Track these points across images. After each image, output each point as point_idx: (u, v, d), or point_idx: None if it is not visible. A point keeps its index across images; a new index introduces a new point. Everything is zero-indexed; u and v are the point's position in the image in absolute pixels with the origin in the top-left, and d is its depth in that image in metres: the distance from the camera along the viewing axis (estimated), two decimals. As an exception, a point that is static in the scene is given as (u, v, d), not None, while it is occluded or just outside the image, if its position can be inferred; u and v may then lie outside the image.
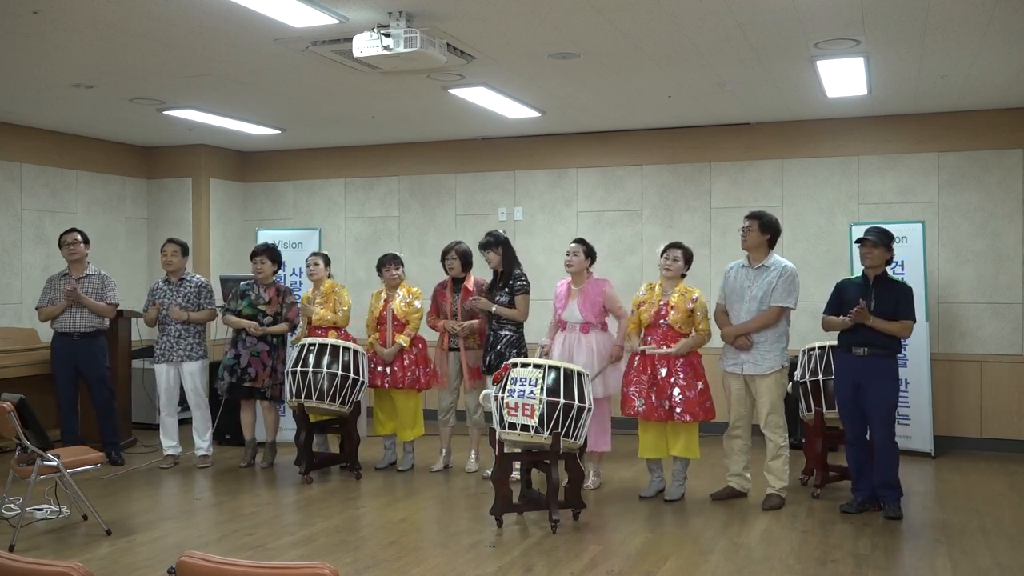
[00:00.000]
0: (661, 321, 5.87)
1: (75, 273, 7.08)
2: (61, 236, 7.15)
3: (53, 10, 4.87)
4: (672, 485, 6.04)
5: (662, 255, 6.01)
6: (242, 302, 7.00)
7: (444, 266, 6.79)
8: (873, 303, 5.56)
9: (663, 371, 5.84)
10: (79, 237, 7.10)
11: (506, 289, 6.50)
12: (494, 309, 6.42)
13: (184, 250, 7.21)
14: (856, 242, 5.78)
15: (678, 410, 5.77)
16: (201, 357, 7.15)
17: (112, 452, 7.00)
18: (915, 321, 5.64)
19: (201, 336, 7.20)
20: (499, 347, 6.43)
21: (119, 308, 7.63)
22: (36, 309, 7.18)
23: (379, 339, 6.85)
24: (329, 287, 7.01)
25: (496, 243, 6.57)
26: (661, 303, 5.91)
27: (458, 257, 6.73)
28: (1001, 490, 6.36)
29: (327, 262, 7.11)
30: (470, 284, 6.74)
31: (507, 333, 6.48)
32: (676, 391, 5.79)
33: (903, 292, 5.62)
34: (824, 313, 5.84)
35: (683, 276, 6.01)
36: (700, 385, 5.84)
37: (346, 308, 6.98)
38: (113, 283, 7.24)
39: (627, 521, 5.56)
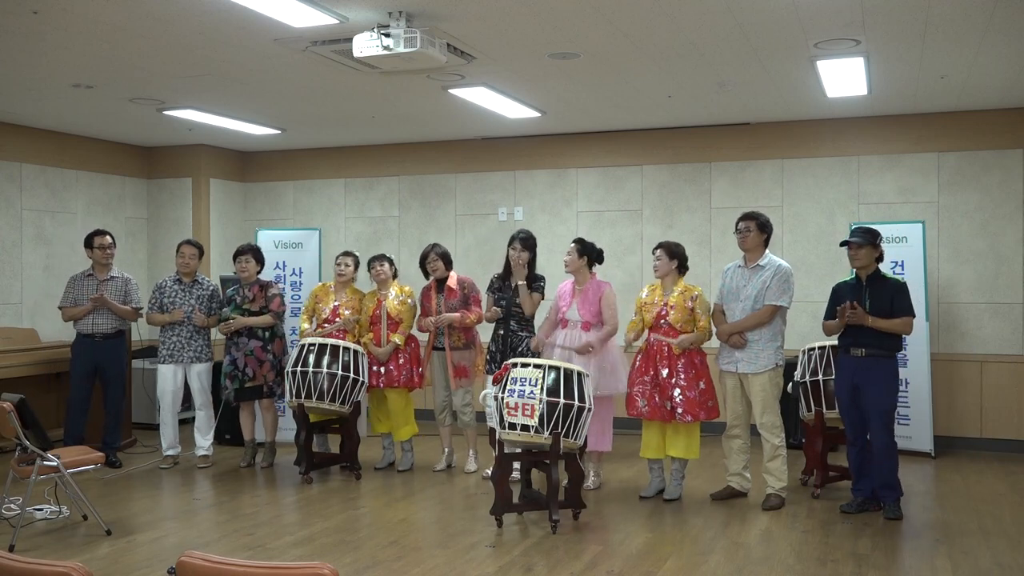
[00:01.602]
0: (662, 321, 5.89)
1: (100, 274, 7.08)
2: (92, 237, 7.10)
3: (53, 10, 4.87)
4: (671, 485, 6.04)
5: (653, 255, 6.07)
6: (229, 308, 7.01)
7: (426, 269, 6.79)
8: (868, 303, 5.56)
9: (664, 371, 5.84)
10: (111, 241, 7.11)
11: (529, 290, 6.53)
12: (521, 285, 6.45)
13: (201, 252, 7.25)
14: (841, 245, 5.79)
15: (679, 410, 5.78)
16: (209, 359, 7.20)
17: (110, 454, 6.99)
18: (914, 316, 5.63)
19: (209, 338, 7.25)
20: (520, 349, 6.44)
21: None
22: (59, 308, 7.14)
23: (373, 339, 6.85)
24: (354, 293, 6.97)
25: (534, 245, 6.58)
26: (662, 303, 5.92)
27: (439, 258, 6.73)
28: (1001, 490, 6.36)
29: (357, 265, 7.08)
30: (453, 283, 6.74)
31: (525, 335, 6.50)
32: (677, 391, 5.80)
33: (897, 289, 5.62)
34: (824, 318, 5.85)
35: (683, 273, 6.02)
36: (702, 385, 5.84)
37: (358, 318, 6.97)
38: (136, 286, 7.28)
39: (627, 521, 5.56)
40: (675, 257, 5.99)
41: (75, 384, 7.08)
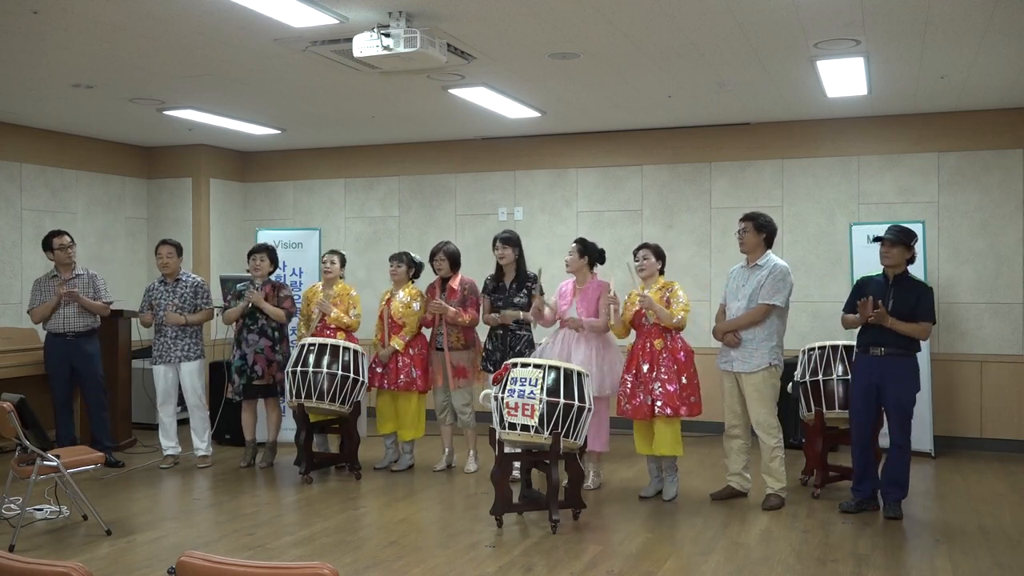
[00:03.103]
0: (644, 320, 5.91)
1: (64, 274, 7.02)
2: (51, 239, 6.99)
3: (53, 10, 4.87)
4: (665, 484, 6.05)
5: (634, 256, 6.09)
6: (239, 302, 7.00)
7: (432, 267, 6.82)
8: (891, 303, 5.51)
9: (645, 366, 5.86)
10: (69, 240, 7.02)
11: (523, 291, 6.55)
12: (521, 316, 6.50)
13: (179, 250, 7.21)
14: (874, 240, 5.73)
15: (659, 403, 5.78)
16: (199, 357, 7.15)
17: (109, 454, 6.97)
18: (934, 323, 5.59)
19: (198, 336, 7.21)
20: (519, 348, 6.47)
21: (120, 309, 7.63)
22: (28, 312, 7.12)
23: (379, 338, 6.86)
24: (343, 290, 6.98)
25: (517, 241, 6.62)
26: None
27: (446, 258, 6.75)
28: (1001, 490, 6.36)
29: (343, 262, 7.09)
30: (456, 284, 6.75)
31: (524, 334, 6.56)
32: (657, 385, 5.81)
33: (923, 293, 5.56)
34: (843, 311, 5.82)
35: (661, 274, 6.05)
36: (684, 380, 5.84)
37: (358, 312, 6.97)
38: (103, 281, 7.20)
39: (627, 521, 5.56)
40: (660, 258, 6.06)
41: (54, 385, 7.05)
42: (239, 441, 7.48)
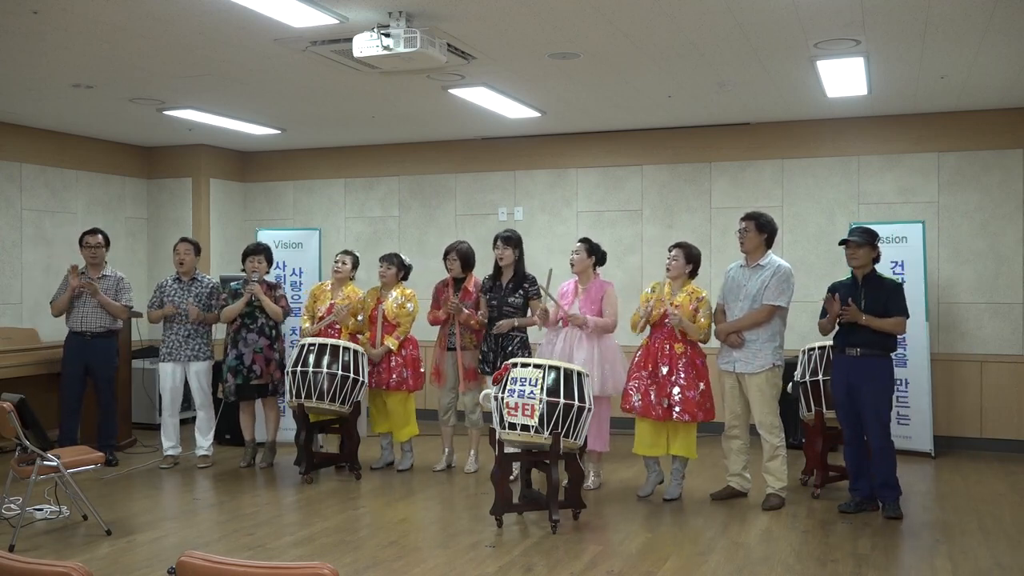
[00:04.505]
0: (667, 321, 5.89)
1: (93, 274, 7.07)
2: (83, 236, 7.08)
3: (53, 10, 4.88)
4: (671, 484, 6.04)
5: (668, 252, 6.08)
6: (235, 301, 7.00)
7: (445, 265, 6.82)
8: (863, 302, 5.58)
9: (664, 369, 5.84)
10: (102, 240, 7.07)
11: (519, 292, 6.55)
12: (516, 323, 6.51)
13: (197, 249, 7.25)
14: (840, 244, 5.80)
15: (677, 409, 5.78)
16: (208, 357, 7.18)
17: (108, 453, 6.98)
18: (907, 316, 5.65)
19: (208, 336, 7.23)
20: (510, 348, 6.47)
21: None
22: (50, 304, 7.12)
23: (369, 339, 6.85)
24: (352, 292, 6.95)
25: (518, 242, 6.62)
26: (668, 303, 5.93)
27: (459, 258, 6.74)
28: (1001, 490, 6.36)
29: (355, 264, 7.07)
30: (471, 285, 6.75)
31: (517, 335, 6.55)
32: (676, 390, 5.80)
33: (892, 289, 5.65)
34: (820, 318, 5.86)
35: (692, 276, 6.02)
36: (702, 386, 5.84)
37: (363, 317, 6.97)
38: (128, 285, 7.23)
39: (627, 521, 5.56)
40: (691, 260, 6.00)
41: (65, 384, 7.05)
42: (239, 441, 7.48)
